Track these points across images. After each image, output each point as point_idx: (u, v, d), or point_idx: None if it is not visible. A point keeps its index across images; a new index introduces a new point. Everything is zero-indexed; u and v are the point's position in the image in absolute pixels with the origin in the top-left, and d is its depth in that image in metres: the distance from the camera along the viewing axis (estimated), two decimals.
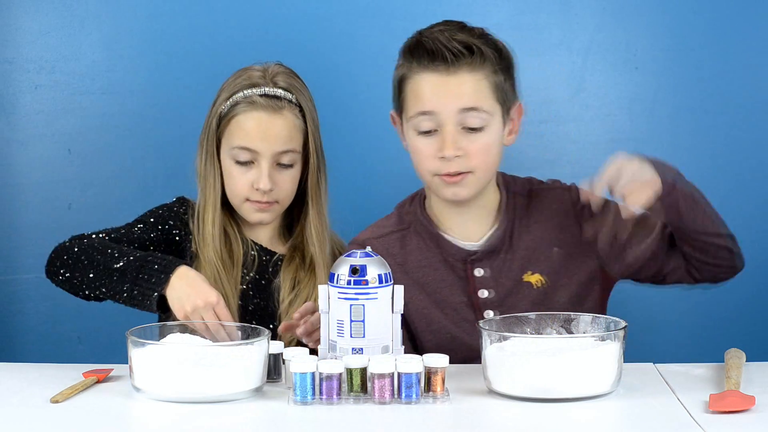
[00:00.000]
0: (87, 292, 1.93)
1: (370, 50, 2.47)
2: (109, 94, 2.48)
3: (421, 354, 1.66)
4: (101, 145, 2.49)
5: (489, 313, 1.93)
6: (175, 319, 1.87)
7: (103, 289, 1.90)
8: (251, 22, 2.47)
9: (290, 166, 2.05)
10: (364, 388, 1.60)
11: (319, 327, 1.69)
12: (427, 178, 1.91)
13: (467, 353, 1.84)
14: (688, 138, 2.51)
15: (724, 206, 2.50)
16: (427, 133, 1.88)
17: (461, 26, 1.91)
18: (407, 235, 1.99)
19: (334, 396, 1.58)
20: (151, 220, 2.06)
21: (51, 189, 2.49)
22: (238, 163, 2.03)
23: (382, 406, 1.58)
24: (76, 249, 1.94)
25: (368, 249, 1.67)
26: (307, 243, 2.08)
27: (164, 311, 1.87)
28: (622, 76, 2.50)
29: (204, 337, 1.76)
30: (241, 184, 2.03)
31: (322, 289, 1.67)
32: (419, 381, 1.58)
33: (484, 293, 1.93)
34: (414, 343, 1.97)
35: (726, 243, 1.90)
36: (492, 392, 1.63)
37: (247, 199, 2.04)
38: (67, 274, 1.93)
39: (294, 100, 2.05)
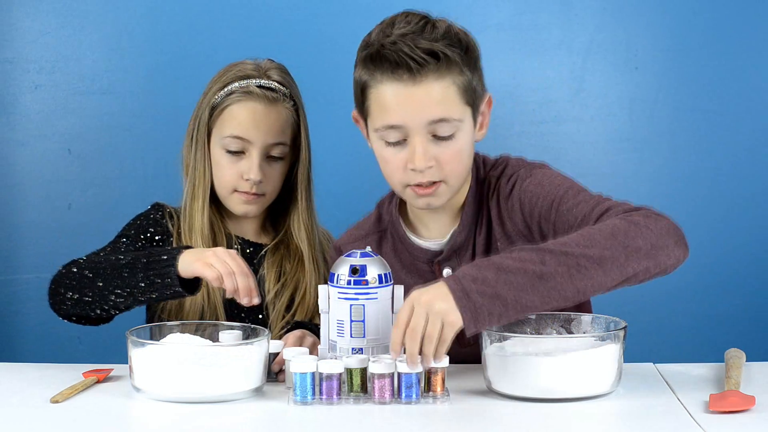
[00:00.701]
0: (101, 304, 1.86)
1: None
2: (109, 94, 2.49)
3: None
4: (101, 145, 2.49)
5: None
6: (198, 299, 1.93)
7: (118, 291, 1.85)
8: (251, 22, 2.47)
9: (280, 159, 2.05)
10: (364, 388, 1.60)
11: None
12: (398, 188, 1.81)
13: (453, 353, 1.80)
14: (688, 138, 2.51)
15: (724, 206, 2.52)
16: (396, 144, 1.76)
17: (423, 24, 1.76)
18: (384, 237, 1.94)
19: (334, 396, 1.58)
20: (132, 232, 2.04)
21: (51, 189, 2.49)
22: (229, 152, 2.02)
23: (382, 406, 1.58)
24: (75, 270, 1.90)
25: (368, 249, 1.67)
26: (294, 236, 2.08)
27: (187, 289, 1.84)
28: (622, 76, 2.50)
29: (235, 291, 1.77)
30: (229, 174, 2.03)
31: (322, 289, 1.67)
32: (419, 381, 1.58)
33: None
34: None
35: (633, 273, 1.61)
36: (492, 392, 1.63)
37: (235, 190, 2.03)
38: (76, 296, 1.88)
39: (288, 94, 2.06)
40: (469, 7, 2.46)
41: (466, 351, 1.82)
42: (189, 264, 1.81)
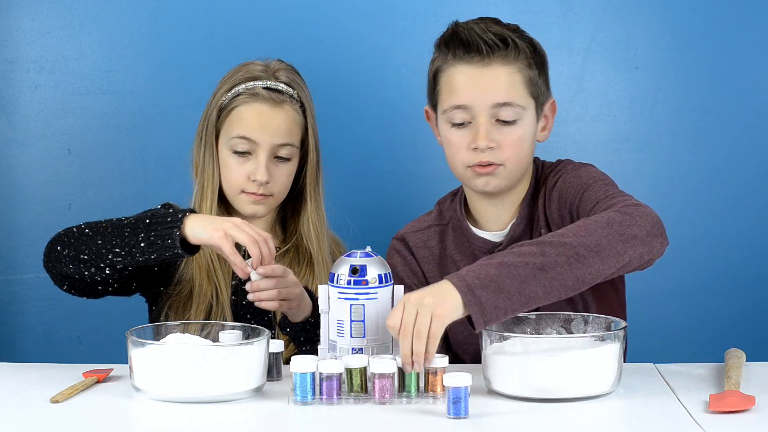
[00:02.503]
0: (98, 262, 1.84)
1: (370, 50, 2.47)
2: (109, 94, 2.48)
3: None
4: (101, 145, 2.49)
5: None
6: (194, 260, 1.95)
7: (117, 249, 1.84)
8: (251, 22, 2.47)
9: (287, 159, 2.06)
10: (364, 388, 1.60)
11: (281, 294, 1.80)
12: (460, 170, 1.91)
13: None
14: (688, 138, 2.51)
15: (724, 206, 2.52)
16: (461, 125, 1.88)
17: (496, 21, 1.92)
18: (446, 230, 2.01)
19: (334, 396, 1.58)
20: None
21: (51, 189, 2.49)
22: (236, 153, 2.03)
23: (382, 406, 1.58)
24: (75, 229, 1.89)
25: (368, 249, 1.67)
26: (303, 238, 2.09)
27: (189, 251, 1.84)
28: (622, 76, 2.50)
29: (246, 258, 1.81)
30: (237, 174, 2.04)
31: (322, 289, 1.67)
32: (468, 395, 1.54)
33: None
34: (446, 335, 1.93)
35: (628, 260, 1.66)
36: (492, 392, 1.63)
37: (243, 191, 2.04)
38: (72, 253, 1.86)
39: (295, 96, 2.07)
40: (469, 7, 2.45)
41: (471, 350, 1.84)
42: (200, 230, 1.80)
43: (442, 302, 1.58)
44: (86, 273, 1.87)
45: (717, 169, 2.51)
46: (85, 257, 1.86)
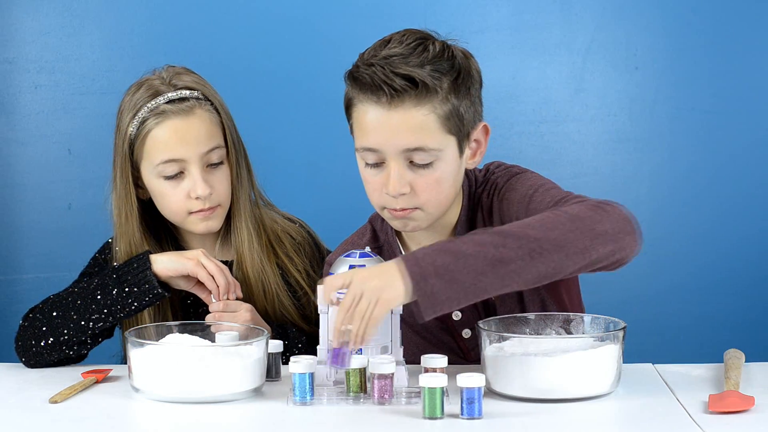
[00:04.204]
0: (80, 336, 1.82)
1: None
2: (109, 94, 2.48)
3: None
4: (101, 145, 2.49)
5: (467, 332, 1.84)
6: (174, 298, 1.89)
7: (95, 315, 1.82)
8: (251, 23, 2.47)
9: (220, 163, 1.94)
10: (363, 388, 1.60)
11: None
12: (377, 209, 1.78)
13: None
14: (688, 138, 2.51)
15: (724, 205, 2.52)
16: (375, 165, 1.71)
17: (416, 45, 1.69)
18: (381, 254, 1.85)
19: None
20: (85, 279, 1.95)
21: (51, 189, 2.49)
22: (167, 178, 1.90)
23: (381, 406, 1.58)
24: (39, 316, 1.85)
25: (367, 249, 1.67)
26: (240, 244, 1.97)
27: (166, 289, 1.84)
28: (622, 76, 2.50)
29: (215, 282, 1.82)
30: (176, 198, 1.91)
31: (321, 289, 1.67)
32: (482, 395, 1.53)
33: (457, 315, 1.83)
34: None
35: (596, 257, 1.56)
36: (492, 392, 1.63)
37: (189, 212, 1.92)
38: (50, 340, 1.83)
39: (200, 96, 1.93)
40: (468, 7, 2.46)
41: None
42: (171, 263, 1.83)
43: (389, 287, 1.51)
44: (71, 352, 1.85)
45: (717, 169, 2.51)
46: (66, 338, 1.83)
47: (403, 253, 1.83)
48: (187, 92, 1.91)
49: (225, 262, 1.93)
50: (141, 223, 1.94)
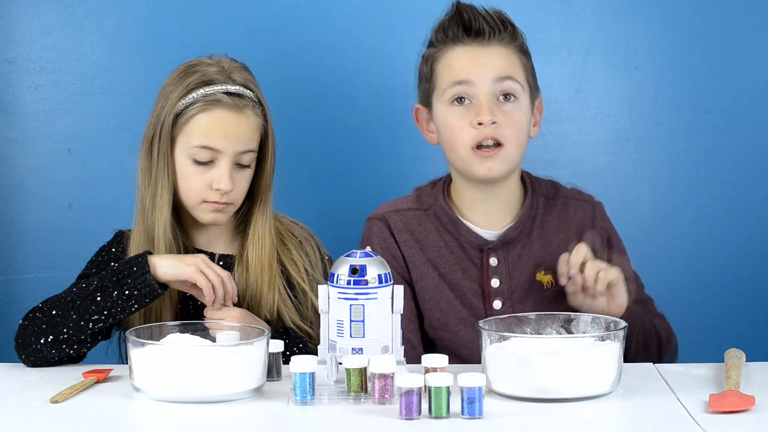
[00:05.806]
0: (79, 336, 1.83)
1: (371, 50, 2.47)
2: (109, 94, 2.48)
3: (425, 333, 1.80)
4: (101, 145, 2.49)
5: (497, 303, 1.95)
6: (173, 295, 1.90)
7: (95, 317, 1.83)
8: (251, 23, 2.47)
9: (247, 166, 1.97)
10: (363, 388, 1.60)
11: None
12: (462, 153, 1.92)
13: (470, 337, 1.88)
14: (688, 138, 2.51)
15: (724, 206, 2.52)
16: (461, 101, 1.91)
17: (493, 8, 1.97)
18: (425, 216, 2.00)
19: (414, 413, 1.52)
20: (93, 270, 1.99)
21: (51, 189, 2.49)
22: (197, 162, 1.94)
23: (382, 406, 1.57)
24: (39, 315, 1.86)
25: (368, 249, 1.67)
26: (258, 243, 2.00)
27: (164, 288, 1.85)
28: (622, 76, 2.50)
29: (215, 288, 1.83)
30: (198, 183, 1.95)
31: (322, 289, 1.67)
32: (482, 396, 1.54)
33: (495, 282, 1.96)
34: (421, 322, 1.99)
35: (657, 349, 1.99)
36: (492, 392, 1.63)
37: (204, 200, 1.95)
38: (50, 338, 1.83)
39: (254, 98, 1.98)
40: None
41: (469, 334, 1.86)
42: (170, 267, 1.83)
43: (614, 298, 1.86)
44: (71, 351, 1.85)
45: (717, 169, 2.51)
46: (65, 336, 1.84)
47: (462, 219, 1.98)
48: (246, 91, 1.96)
49: (227, 257, 1.99)
50: (169, 202, 1.96)
